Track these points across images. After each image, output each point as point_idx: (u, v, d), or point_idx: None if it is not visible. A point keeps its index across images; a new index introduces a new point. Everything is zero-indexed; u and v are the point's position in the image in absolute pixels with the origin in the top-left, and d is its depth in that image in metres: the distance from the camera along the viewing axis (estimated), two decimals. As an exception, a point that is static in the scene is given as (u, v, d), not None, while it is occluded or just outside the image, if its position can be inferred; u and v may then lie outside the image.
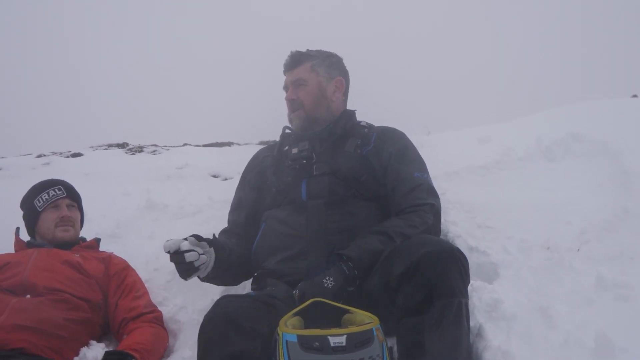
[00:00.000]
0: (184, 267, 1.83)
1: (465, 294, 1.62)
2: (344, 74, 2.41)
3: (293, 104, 2.32)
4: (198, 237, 1.87)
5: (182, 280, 2.59)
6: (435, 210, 2.05)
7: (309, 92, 2.30)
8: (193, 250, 1.82)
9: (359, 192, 2.11)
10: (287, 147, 2.31)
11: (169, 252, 1.81)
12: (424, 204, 2.03)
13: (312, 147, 2.23)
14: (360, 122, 2.36)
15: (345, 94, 2.43)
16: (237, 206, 2.38)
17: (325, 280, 1.75)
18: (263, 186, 2.32)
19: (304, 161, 2.19)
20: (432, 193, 2.12)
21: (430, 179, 2.19)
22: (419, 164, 2.21)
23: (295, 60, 2.35)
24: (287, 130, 2.40)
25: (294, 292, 1.77)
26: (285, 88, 2.38)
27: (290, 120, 2.35)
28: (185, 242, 1.82)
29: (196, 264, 1.83)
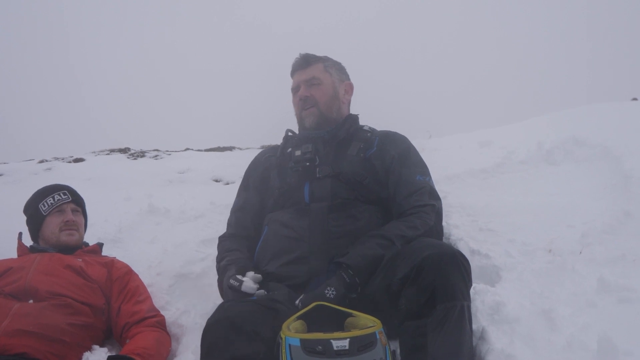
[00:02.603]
0: (240, 295, 1.87)
1: (467, 297, 1.62)
2: (349, 79, 2.47)
3: (306, 102, 2.33)
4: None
5: (184, 284, 2.60)
6: (436, 211, 2.06)
7: (324, 91, 2.33)
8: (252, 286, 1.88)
9: (362, 195, 2.12)
10: (290, 149, 2.32)
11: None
12: (425, 205, 2.04)
13: (316, 150, 2.24)
14: (362, 126, 2.38)
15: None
16: (242, 207, 2.36)
17: (327, 291, 1.76)
18: (266, 187, 2.32)
19: (307, 163, 2.20)
20: (434, 196, 2.13)
21: (432, 181, 2.20)
22: (421, 167, 2.22)
23: (307, 61, 2.38)
24: (290, 133, 2.41)
25: (297, 303, 1.77)
26: (296, 88, 2.38)
27: (302, 119, 2.36)
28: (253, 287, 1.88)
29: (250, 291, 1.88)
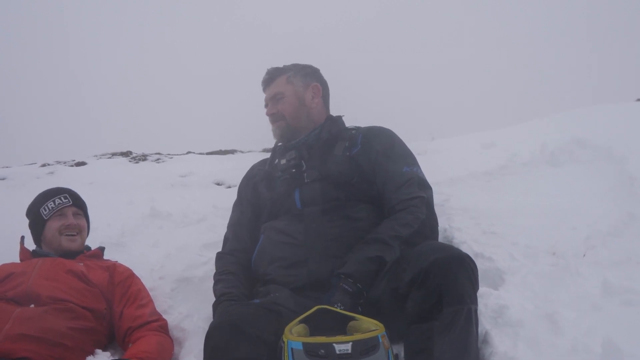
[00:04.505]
0: None
1: (474, 301, 1.62)
2: (320, 80, 2.44)
3: (274, 117, 2.37)
4: None
5: (186, 288, 2.59)
6: (426, 203, 2.06)
7: (287, 103, 2.34)
8: None
9: (353, 194, 2.12)
10: (277, 160, 2.34)
11: None
12: (414, 197, 2.03)
13: (301, 155, 2.25)
14: (348, 127, 2.38)
15: (325, 100, 2.45)
16: (238, 220, 2.38)
17: (335, 307, 1.75)
18: (258, 201, 2.34)
19: (294, 170, 2.21)
20: (423, 185, 2.12)
21: (421, 171, 2.20)
22: (408, 158, 2.21)
23: (271, 77, 2.41)
24: (279, 144, 2.43)
25: None
26: (266, 105, 2.42)
27: (273, 133, 2.40)
28: None
29: None
